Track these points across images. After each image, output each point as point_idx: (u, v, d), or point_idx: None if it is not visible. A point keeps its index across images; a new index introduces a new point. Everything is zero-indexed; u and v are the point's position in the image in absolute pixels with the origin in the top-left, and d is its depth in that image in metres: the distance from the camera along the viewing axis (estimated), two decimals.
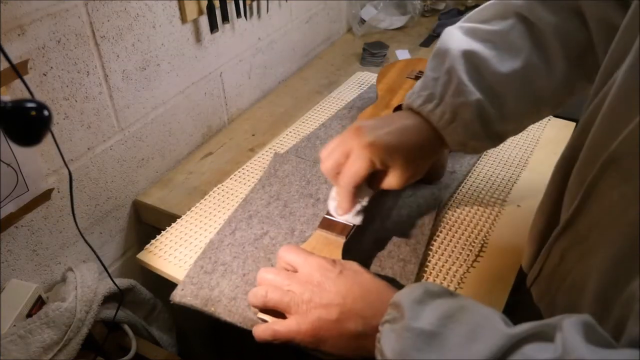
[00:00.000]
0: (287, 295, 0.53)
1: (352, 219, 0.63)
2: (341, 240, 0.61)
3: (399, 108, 0.85)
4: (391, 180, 0.60)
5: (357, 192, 0.60)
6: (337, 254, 0.60)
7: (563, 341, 0.35)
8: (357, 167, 0.58)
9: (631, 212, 0.41)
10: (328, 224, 0.63)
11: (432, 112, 0.59)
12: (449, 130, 0.59)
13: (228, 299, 0.61)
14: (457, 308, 0.44)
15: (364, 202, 0.62)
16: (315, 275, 0.53)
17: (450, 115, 0.58)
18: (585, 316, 0.36)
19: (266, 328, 0.53)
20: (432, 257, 0.67)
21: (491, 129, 0.60)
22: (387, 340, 0.46)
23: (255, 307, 0.56)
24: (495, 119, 0.59)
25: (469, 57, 0.58)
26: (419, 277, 0.64)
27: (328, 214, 0.64)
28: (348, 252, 0.60)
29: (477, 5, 1.57)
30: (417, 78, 0.92)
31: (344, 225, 0.62)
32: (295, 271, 0.56)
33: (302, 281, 0.54)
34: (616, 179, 0.43)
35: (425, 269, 0.66)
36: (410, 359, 0.42)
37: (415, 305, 0.45)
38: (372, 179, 0.60)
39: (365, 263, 0.65)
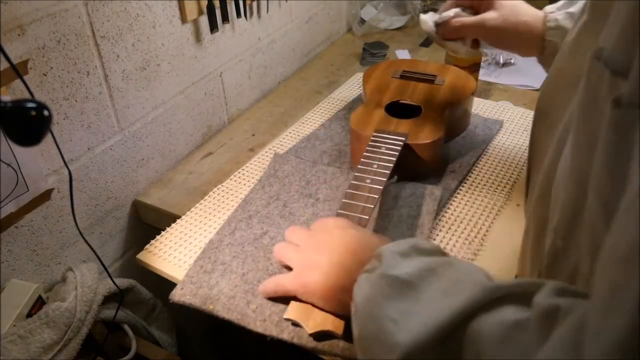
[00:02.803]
0: (293, 250, 0.59)
1: (429, 17, 0.74)
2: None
3: (390, 106, 0.85)
4: (485, 16, 0.69)
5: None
6: None
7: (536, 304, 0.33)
8: None
9: (551, 149, 0.44)
10: (347, 207, 0.64)
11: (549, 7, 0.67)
12: (553, 15, 0.66)
13: (227, 298, 0.61)
14: (442, 263, 0.41)
15: (451, 12, 0.72)
16: (317, 233, 0.58)
17: (563, 5, 0.66)
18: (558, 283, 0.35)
19: (271, 280, 0.59)
20: None
21: None
22: (360, 289, 0.44)
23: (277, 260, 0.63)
24: None
25: None
26: None
27: (345, 197, 0.66)
28: None
29: None
30: (402, 77, 0.93)
31: (364, 208, 0.63)
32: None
33: (307, 237, 0.59)
34: (544, 127, 0.48)
35: None
36: (377, 305, 0.39)
37: (397, 256, 0.43)
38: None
39: None
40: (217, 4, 0.89)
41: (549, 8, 0.68)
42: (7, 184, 0.63)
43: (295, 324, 0.57)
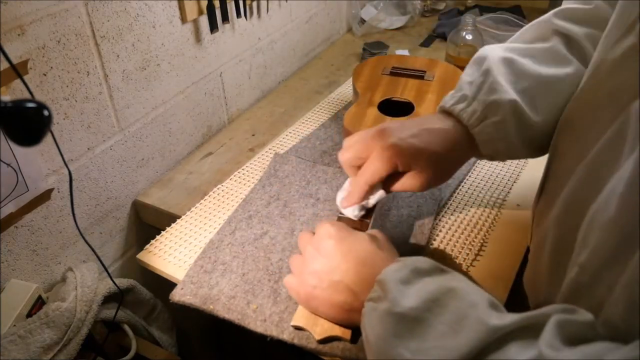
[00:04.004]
0: (297, 258, 0.57)
1: (350, 213, 0.61)
2: None
3: (382, 103, 0.85)
4: (412, 183, 0.57)
5: (369, 190, 0.59)
6: None
7: (542, 345, 0.34)
8: (377, 166, 0.56)
9: (579, 170, 0.42)
10: (345, 222, 0.61)
11: (463, 111, 0.57)
12: (480, 128, 0.56)
13: (227, 298, 0.61)
14: (445, 291, 0.43)
15: (372, 201, 0.60)
16: (321, 242, 0.55)
17: (482, 113, 0.56)
18: (563, 309, 0.36)
19: (293, 287, 0.57)
20: (432, 257, 0.67)
21: (527, 131, 0.56)
22: (369, 321, 0.45)
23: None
24: (532, 121, 0.56)
25: (509, 62, 0.57)
26: None
27: (340, 211, 0.63)
28: None
29: (477, 6, 1.57)
30: (392, 74, 0.93)
31: (362, 222, 0.61)
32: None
33: (313, 244, 0.56)
34: (570, 139, 0.47)
35: None
36: (389, 344, 0.41)
37: (400, 285, 0.44)
38: (387, 180, 0.58)
39: None
40: (217, 4, 0.89)
41: (463, 112, 0.57)
42: (7, 184, 0.62)
43: (301, 329, 0.57)
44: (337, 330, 0.55)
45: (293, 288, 0.57)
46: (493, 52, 0.59)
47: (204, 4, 0.86)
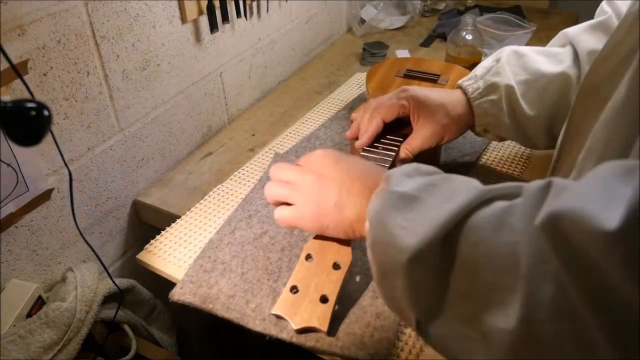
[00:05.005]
0: (287, 186, 0.55)
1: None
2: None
3: None
4: (423, 131, 0.68)
5: (379, 133, 0.69)
6: None
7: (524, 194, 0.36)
8: (389, 103, 0.69)
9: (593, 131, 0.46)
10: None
11: (470, 85, 0.70)
12: (479, 102, 0.69)
13: (226, 297, 0.61)
14: (442, 178, 0.45)
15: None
16: (314, 166, 0.55)
17: (484, 90, 0.68)
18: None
19: (288, 217, 0.55)
20: None
21: (518, 118, 0.68)
22: (372, 205, 0.46)
23: (270, 203, 0.58)
24: (524, 112, 0.67)
25: (520, 55, 0.70)
26: None
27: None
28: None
29: (477, 6, 1.56)
30: (405, 76, 0.93)
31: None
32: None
33: (303, 171, 0.55)
34: (591, 106, 0.49)
35: None
36: (387, 215, 0.43)
37: (403, 176, 0.46)
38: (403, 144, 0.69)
39: (366, 263, 0.65)
40: (217, 4, 0.89)
41: (469, 87, 0.70)
42: (7, 184, 0.63)
43: (280, 317, 0.56)
44: (315, 322, 0.54)
45: (294, 214, 0.54)
46: (511, 46, 0.71)
47: (204, 4, 0.87)
